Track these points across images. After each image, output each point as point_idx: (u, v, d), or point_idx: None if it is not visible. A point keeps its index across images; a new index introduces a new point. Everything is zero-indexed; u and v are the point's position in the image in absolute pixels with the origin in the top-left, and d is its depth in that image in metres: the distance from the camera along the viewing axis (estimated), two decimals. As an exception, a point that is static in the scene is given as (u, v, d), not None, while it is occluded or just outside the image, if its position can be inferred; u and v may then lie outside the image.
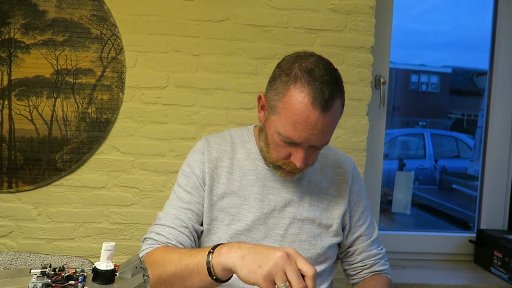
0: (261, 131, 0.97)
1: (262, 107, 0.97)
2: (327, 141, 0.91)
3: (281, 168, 0.95)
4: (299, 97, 0.84)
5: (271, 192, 0.99)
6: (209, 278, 0.77)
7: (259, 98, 0.96)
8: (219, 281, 0.78)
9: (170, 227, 0.94)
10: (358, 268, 1.07)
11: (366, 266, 1.06)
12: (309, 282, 0.71)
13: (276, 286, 0.71)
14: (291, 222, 0.99)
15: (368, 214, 1.08)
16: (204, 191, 0.98)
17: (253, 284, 0.72)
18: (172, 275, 0.82)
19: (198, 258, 0.79)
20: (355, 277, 1.08)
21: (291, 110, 0.85)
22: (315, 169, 1.04)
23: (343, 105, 0.91)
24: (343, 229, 1.04)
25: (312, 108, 0.84)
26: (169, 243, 0.92)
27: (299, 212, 1.00)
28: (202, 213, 0.98)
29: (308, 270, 0.71)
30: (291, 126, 0.86)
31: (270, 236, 0.97)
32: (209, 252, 0.78)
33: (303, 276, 0.71)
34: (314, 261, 0.99)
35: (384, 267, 1.08)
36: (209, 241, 0.98)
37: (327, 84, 0.85)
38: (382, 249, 1.09)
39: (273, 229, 0.98)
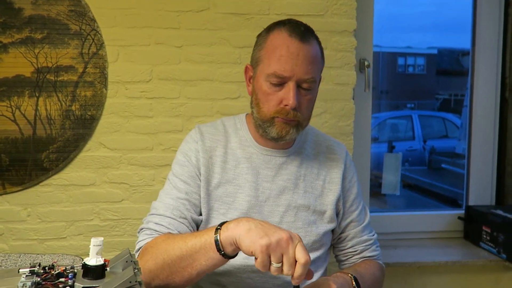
0: (251, 99, 1.00)
1: (249, 79, 1.00)
2: (314, 76, 0.93)
3: (275, 121, 0.94)
4: (278, 36, 0.93)
5: (265, 180, 1.00)
6: (218, 254, 0.77)
7: (246, 69, 1.01)
8: (227, 257, 0.78)
9: (170, 217, 0.93)
10: (349, 253, 1.08)
11: (357, 252, 1.07)
12: (298, 268, 0.72)
13: (270, 262, 0.72)
14: (286, 209, 1.00)
15: (360, 200, 1.09)
16: (200, 180, 0.98)
17: (252, 254, 0.73)
18: (177, 258, 0.81)
19: (206, 237, 0.79)
20: (345, 262, 1.09)
21: (272, 48, 0.93)
22: (308, 156, 1.05)
23: (322, 52, 0.98)
24: (337, 215, 1.05)
25: (291, 39, 0.92)
26: (170, 233, 0.91)
27: (294, 199, 1.00)
28: (200, 202, 0.97)
29: (300, 257, 0.72)
30: (275, 62, 0.91)
31: None
32: (217, 229, 0.78)
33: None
34: (309, 248, 1.00)
35: (374, 253, 1.09)
36: None
37: (302, 24, 0.95)
38: (373, 235, 1.10)
39: (268, 217, 0.98)
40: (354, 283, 0.92)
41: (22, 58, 1.38)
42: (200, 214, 0.98)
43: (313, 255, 1.00)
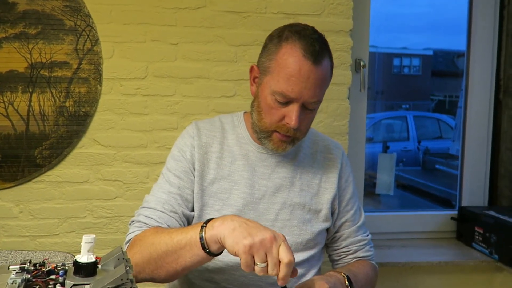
0: (253, 103, 0.98)
1: (254, 79, 0.99)
2: (320, 98, 0.93)
3: (272, 136, 0.94)
4: (291, 52, 0.89)
5: (261, 177, 1.00)
6: (202, 252, 0.78)
7: (251, 69, 0.99)
8: (212, 255, 0.79)
9: (160, 211, 0.93)
10: (342, 253, 1.08)
11: (350, 252, 1.08)
12: (282, 268, 0.71)
13: (254, 263, 0.72)
14: (282, 207, 1.00)
15: (355, 201, 1.09)
16: (194, 176, 0.97)
17: (236, 254, 0.73)
18: (163, 253, 0.81)
19: (191, 233, 0.79)
20: (339, 262, 1.09)
21: (284, 64, 0.89)
22: (306, 154, 1.05)
23: (332, 68, 0.95)
24: (332, 214, 1.05)
25: (304, 60, 0.88)
26: (159, 226, 0.91)
27: (290, 197, 1.00)
28: (192, 198, 0.97)
29: (284, 257, 0.71)
30: (285, 81, 0.89)
31: (260, 221, 0.97)
32: (202, 227, 0.78)
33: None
34: (304, 247, 1.00)
35: (368, 253, 1.09)
36: None
37: (317, 40, 0.90)
38: (368, 236, 1.10)
39: (263, 214, 0.98)
40: (347, 282, 0.92)
41: (16, 53, 1.37)
42: (193, 210, 0.98)
43: (307, 254, 1.01)
